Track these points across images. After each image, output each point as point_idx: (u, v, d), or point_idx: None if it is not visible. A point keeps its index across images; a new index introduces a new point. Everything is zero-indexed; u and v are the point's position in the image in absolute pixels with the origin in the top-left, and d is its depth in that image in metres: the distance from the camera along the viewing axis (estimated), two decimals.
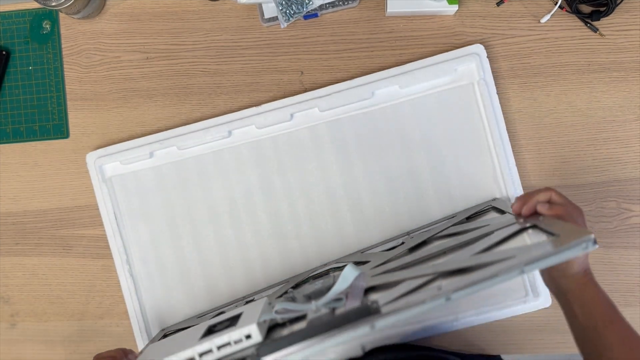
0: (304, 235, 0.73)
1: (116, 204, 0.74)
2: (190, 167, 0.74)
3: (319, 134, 0.73)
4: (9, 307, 0.78)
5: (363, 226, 0.73)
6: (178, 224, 0.74)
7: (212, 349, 0.51)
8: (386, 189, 0.73)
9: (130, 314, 0.74)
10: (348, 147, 0.73)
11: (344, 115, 0.73)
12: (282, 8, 0.71)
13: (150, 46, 0.76)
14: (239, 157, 0.74)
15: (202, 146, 0.74)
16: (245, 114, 0.73)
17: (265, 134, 0.73)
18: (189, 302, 0.74)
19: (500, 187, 0.71)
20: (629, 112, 0.73)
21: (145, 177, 0.74)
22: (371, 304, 0.47)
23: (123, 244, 0.74)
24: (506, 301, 0.71)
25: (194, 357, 0.51)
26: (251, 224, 0.74)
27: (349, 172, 0.73)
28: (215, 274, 0.74)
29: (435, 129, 0.72)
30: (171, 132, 0.74)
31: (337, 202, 0.73)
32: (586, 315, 0.53)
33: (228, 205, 0.74)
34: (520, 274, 0.44)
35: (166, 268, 0.74)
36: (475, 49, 0.72)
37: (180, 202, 0.74)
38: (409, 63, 0.72)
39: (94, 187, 0.74)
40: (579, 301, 0.53)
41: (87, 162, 0.74)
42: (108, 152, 0.74)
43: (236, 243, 0.74)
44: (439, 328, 0.71)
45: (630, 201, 0.73)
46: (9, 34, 0.78)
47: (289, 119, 0.73)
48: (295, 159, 0.74)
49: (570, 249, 0.45)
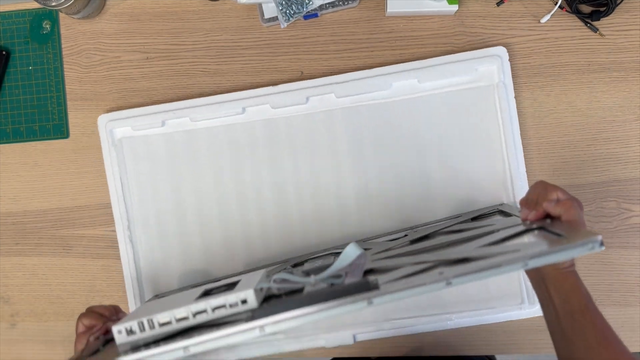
0: (308, 218, 0.73)
1: (123, 168, 0.74)
2: (202, 138, 0.74)
3: (334, 120, 0.73)
4: (9, 307, 0.78)
5: (367, 216, 0.73)
6: (183, 194, 0.74)
7: (206, 310, 0.50)
8: (394, 182, 0.72)
9: (126, 279, 0.74)
10: (361, 136, 0.73)
11: (360, 104, 0.73)
12: (282, 8, 0.71)
13: (150, 46, 0.76)
14: (252, 134, 0.74)
15: (215, 120, 0.74)
16: (261, 92, 0.73)
17: (280, 114, 0.73)
18: (186, 273, 0.74)
19: (508, 193, 0.71)
20: (629, 112, 0.73)
21: (156, 142, 0.74)
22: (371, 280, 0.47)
23: (126, 209, 0.74)
24: (502, 306, 0.71)
25: (187, 315, 0.50)
26: (256, 201, 0.74)
27: (359, 161, 0.73)
28: (215, 248, 0.74)
29: (449, 127, 0.72)
30: (185, 103, 0.73)
31: (344, 190, 0.73)
32: (563, 301, 0.53)
33: (235, 180, 0.74)
34: (524, 267, 0.44)
35: (167, 236, 0.74)
36: (497, 51, 0.71)
37: (188, 171, 0.74)
38: (430, 58, 0.72)
39: (102, 150, 0.74)
40: (559, 288, 0.54)
41: (98, 124, 0.74)
42: (120, 116, 0.74)
43: (239, 219, 0.74)
44: (433, 326, 0.71)
45: (630, 201, 0.73)
46: (9, 34, 0.78)
47: (305, 102, 0.72)
48: (307, 142, 0.73)
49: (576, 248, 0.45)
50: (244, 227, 0.74)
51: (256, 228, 0.74)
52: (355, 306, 0.45)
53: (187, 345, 0.48)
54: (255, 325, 0.47)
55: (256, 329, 0.47)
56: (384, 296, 0.45)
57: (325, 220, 0.73)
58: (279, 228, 0.73)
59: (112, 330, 0.51)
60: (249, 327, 0.47)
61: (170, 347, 0.48)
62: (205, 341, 0.48)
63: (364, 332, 0.72)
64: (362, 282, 0.47)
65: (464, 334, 0.74)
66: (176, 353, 0.48)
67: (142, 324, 0.51)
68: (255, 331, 0.47)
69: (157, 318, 0.51)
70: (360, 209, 0.73)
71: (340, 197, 0.73)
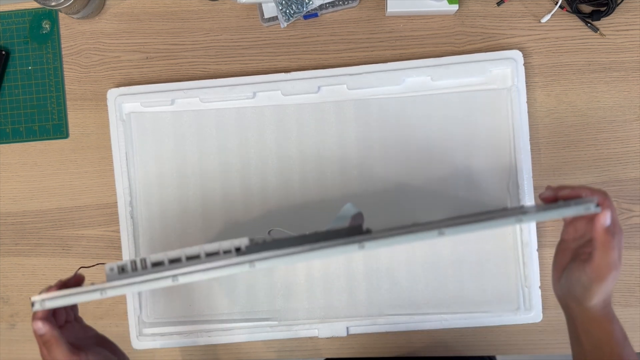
0: (311, 206, 0.73)
1: (130, 142, 0.74)
2: (210, 118, 0.74)
3: (344, 111, 0.73)
4: (9, 308, 0.78)
5: (370, 210, 0.72)
6: (187, 173, 0.74)
7: (200, 255, 0.49)
8: (399, 179, 0.72)
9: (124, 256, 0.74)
10: (370, 129, 0.73)
11: (371, 97, 0.73)
12: (282, 8, 0.71)
13: (150, 46, 0.76)
14: (261, 118, 0.73)
15: (225, 102, 0.74)
16: (274, 78, 0.73)
17: (290, 101, 0.73)
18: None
19: (512, 198, 0.71)
20: (629, 112, 0.73)
21: (164, 119, 0.74)
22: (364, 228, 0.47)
23: (129, 184, 0.74)
24: (497, 310, 0.71)
25: (181, 257, 0.49)
26: (260, 187, 0.74)
27: (366, 154, 0.73)
28: (216, 231, 0.74)
29: (458, 127, 0.72)
30: (196, 83, 0.73)
31: (348, 181, 0.73)
32: (593, 347, 0.51)
33: (240, 164, 0.74)
34: (518, 222, 0.44)
35: (168, 215, 0.74)
36: (512, 54, 0.71)
37: (194, 151, 0.74)
38: (444, 57, 0.72)
39: (110, 124, 0.74)
40: (589, 333, 0.51)
41: (107, 97, 0.74)
42: (130, 91, 0.74)
43: (242, 203, 0.74)
44: (428, 325, 0.72)
45: (630, 201, 0.73)
46: (8, 34, 0.78)
47: (316, 91, 0.72)
48: (315, 131, 0.73)
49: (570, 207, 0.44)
50: (247, 212, 0.74)
51: (259, 213, 0.74)
52: (346, 248, 0.45)
53: (176, 274, 0.48)
54: (245, 259, 0.47)
55: (246, 263, 0.47)
56: (376, 240, 0.45)
57: (329, 209, 0.73)
58: (282, 215, 0.73)
59: (105, 267, 0.50)
60: (240, 261, 0.47)
61: (159, 275, 0.48)
62: (195, 272, 0.48)
63: (358, 325, 0.72)
64: (355, 226, 0.47)
65: (464, 334, 0.74)
66: (165, 281, 0.48)
67: (135, 263, 0.50)
68: (245, 266, 0.47)
69: (150, 258, 0.50)
70: (364, 201, 0.73)
71: (345, 187, 0.73)
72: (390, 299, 0.72)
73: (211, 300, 0.74)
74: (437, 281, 0.72)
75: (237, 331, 0.73)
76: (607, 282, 0.48)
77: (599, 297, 0.49)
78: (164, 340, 0.74)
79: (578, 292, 0.51)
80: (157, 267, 0.50)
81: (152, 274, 0.48)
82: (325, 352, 0.75)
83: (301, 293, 0.73)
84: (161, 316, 0.74)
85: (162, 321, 0.74)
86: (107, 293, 0.48)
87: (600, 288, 0.48)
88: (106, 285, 0.48)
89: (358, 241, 0.45)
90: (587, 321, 0.51)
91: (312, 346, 0.75)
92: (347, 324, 0.72)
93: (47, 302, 0.50)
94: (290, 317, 0.73)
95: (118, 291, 0.48)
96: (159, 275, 0.48)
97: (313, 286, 0.73)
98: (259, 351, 0.75)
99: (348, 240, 0.46)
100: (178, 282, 0.48)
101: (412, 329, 0.72)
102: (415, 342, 0.74)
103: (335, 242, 0.46)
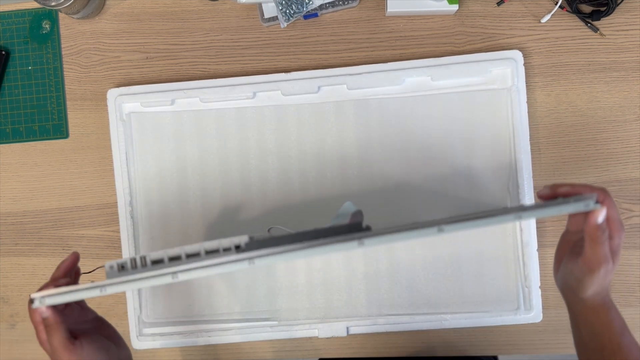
0: (311, 206, 0.73)
1: (129, 142, 0.74)
2: (210, 118, 0.74)
3: (344, 111, 0.73)
4: (9, 308, 0.78)
5: (370, 210, 0.72)
6: (188, 173, 0.74)
7: (200, 252, 0.49)
8: (399, 179, 0.72)
9: (124, 256, 0.73)
10: (370, 129, 0.73)
11: (372, 97, 0.73)
12: (282, 8, 0.71)
13: (150, 46, 0.76)
14: (261, 118, 0.74)
15: (225, 102, 0.74)
16: (273, 78, 0.73)
17: (290, 101, 0.73)
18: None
19: (512, 198, 0.71)
20: (629, 112, 0.73)
21: (164, 119, 0.74)
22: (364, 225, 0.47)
23: (129, 184, 0.74)
24: (497, 310, 0.71)
25: (181, 254, 0.49)
26: (260, 186, 0.74)
27: (366, 154, 0.73)
28: (216, 230, 0.74)
29: (458, 127, 0.72)
30: (196, 83, 0.73)
31: (348, 181, 0.73)
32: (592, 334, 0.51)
33: (240, 164, 0.74)
34: (518, 219, 0.44)
35: (168, 214, 0.74)
36: (512, 54, 0.71)
37: (194, 150, 0.74)
38: (444, 57, 0.72)
39: (110, 124, 0.74)
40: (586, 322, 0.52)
41: (107, 97, 0.74)
42: (130, 91, 0.74)
43: (242, 203, 0.74)
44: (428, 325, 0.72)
45: (631, 201, 0.73)
46: (8, 34, 0.78)
47: (316, 91, 0.73)
48: (315, 131, 0.73)
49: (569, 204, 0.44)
50: (247, 212, 0.74)
51: (259, 213, 0.74)
52: (346, 245, 0.45)
53: (176, 271, 0.48)
54: (245, 257, 0.47)
55: (245, 260, 0.47)
56: (375, 237, 0.45)
57: (328, 208, 0.73)
58: (281, 215, 0.73)
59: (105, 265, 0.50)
60: (239, 258, 0.47)
61: (158, 272, 0.48)
62: (194, 268, 0.48)
63: (358, 325, 0.72)
64: (355, 224, 0.47)
65: (464, 334, 0.74)
66: (164, 278, 0.48)
67: (135, 260, 0.50)
68: (245, 263, 0.47)
69: (150, 256, 0.50)
70: (363, 202, 0.73)
71: (344, 187, 0.73)
72: (390, 299, 0.72)
73: (211, 300, 0.74)
74: (437, 281, 0.72)
75: (237, 331, 0.73)
76: (597, 275, 0.49)
77: (591, 289, 0.50)
78: (164, 340, 0.74)
79: (572, 284, 0.52)
80: (157, 264, 0.50)
81: (152, 272, 0.48)
82: (325, 352, 0.75)
83: (301, 293, 0.73)
84: (161, 316, 0.74)
85: (162, 321, 0.74)
86: (107, 290, 0.48)
87: (591, 281, 0.49)
88: (106, 282, 0.48)
89: (357, 238, 0.45)
90: (585, 311, 0.52)
91: (312, 346, 0.75)
92: (347, 324, 0.72)
93: (47, 299, 0.50)
94: (290, 317, 0.73)
95: (118, 288, 0.48)
96: (159, 272, 0.48)
97: (313, 286, 0.73)
98: (259, 351, 0.75)
99: (347, 237, 0.46)
100: (178, 279, 0.48)
101: (412, 329, 0.72)
102: (415, 342, 0.74)
103: (335, 239, 0.46)
